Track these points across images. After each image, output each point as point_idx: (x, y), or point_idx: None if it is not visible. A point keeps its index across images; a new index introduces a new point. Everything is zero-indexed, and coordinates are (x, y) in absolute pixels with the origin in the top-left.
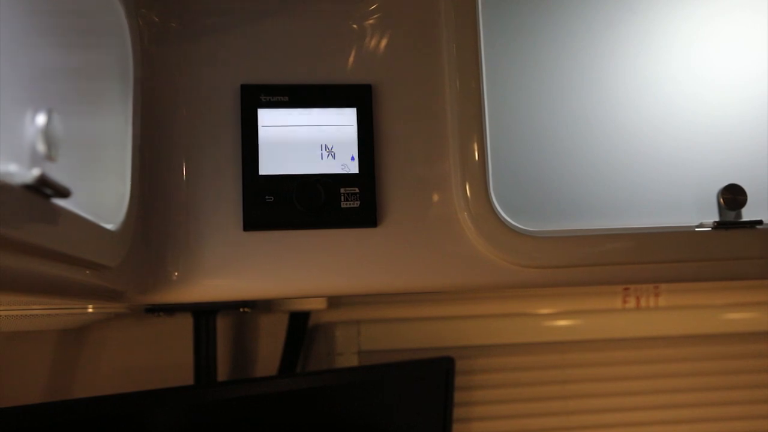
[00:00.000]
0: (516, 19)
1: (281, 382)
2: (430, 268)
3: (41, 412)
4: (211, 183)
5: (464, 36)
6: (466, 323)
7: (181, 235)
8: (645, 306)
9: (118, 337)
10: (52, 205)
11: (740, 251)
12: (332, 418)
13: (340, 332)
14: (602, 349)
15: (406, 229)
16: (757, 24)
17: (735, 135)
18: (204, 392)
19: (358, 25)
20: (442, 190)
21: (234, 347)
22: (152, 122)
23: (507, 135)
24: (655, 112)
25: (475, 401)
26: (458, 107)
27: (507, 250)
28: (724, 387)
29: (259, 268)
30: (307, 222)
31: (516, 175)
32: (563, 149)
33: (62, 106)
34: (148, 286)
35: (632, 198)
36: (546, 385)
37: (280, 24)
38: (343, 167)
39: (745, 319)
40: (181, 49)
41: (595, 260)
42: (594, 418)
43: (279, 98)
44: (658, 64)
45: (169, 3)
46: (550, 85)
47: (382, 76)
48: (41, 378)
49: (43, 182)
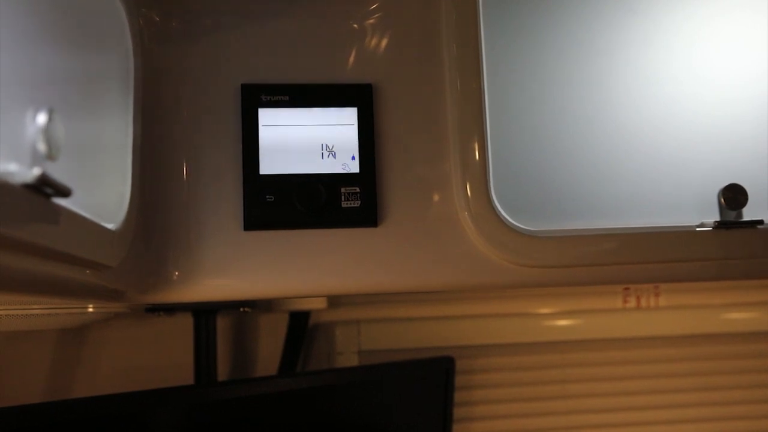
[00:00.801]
0: (516, 19)
1: (281, 382)
2: (431, 268)
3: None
4: (211, 182)
5: (465, 36)
6: (466, 323)
7: (181, 235)
8: (645, 306)
9: (118, 336)
10: (52, 205)
11: (741, 251)
12: (332, 418)
13: (340, 332)
14: (602, 349)
15: (407, 228)
16: (757, 24)
17: (735, 135)
18: (204, 392)
19: (359, 24)
20: (443, 189)
21: (234, 347)
22: (153, 121)
23: (508, 135)
24: (655, 112)
25: (475, 401)
26: (459, 107)
27: (507, 249)
28: (724, 387)
29: (259, 268)
30: (308, 222)
31: (516, 175)
32: (564, 149)
33: (63, 105)
34: (148, 286)
35: (632, 198)
36: (546, 384)
37: (281, 23)
38: (343, 167)
39: (745, 318)
40: (181, 48)
41: (596, 260)
42: (594, 418)
43: (280, 98)
44: (658, 64)
45: (170, 2)
46: (550, 84)
47: (383, 76)
48: (41, 378)
49: (43, 181)
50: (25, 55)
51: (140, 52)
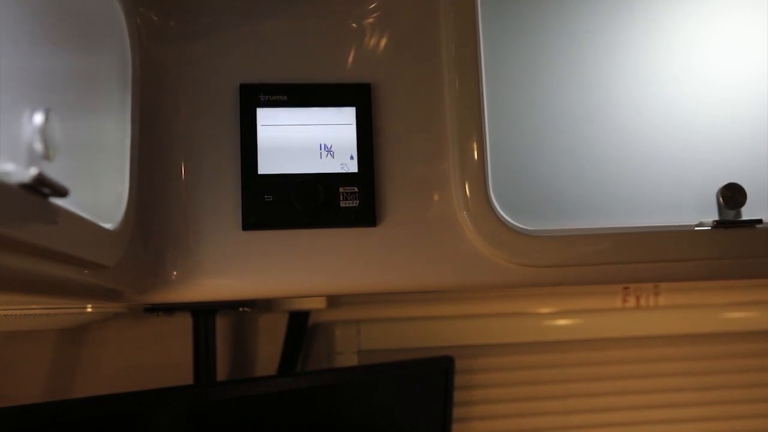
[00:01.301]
0: (515, 19)
1: (281, 382)
2: (430, 268)
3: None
4: (209, 182)
5: (464, 35)
6: (466, 323)
7: (180, 235)
8: (645, 305)
9: (117, 336)
10: (49, 205)
11: (740, 250)
12: (332, 418)
13: (340, 332)
14: (602, 349)
15: (406, 228)
16: (757, 24)
17: (735, 134)
18: (204, 392)
19: (358, 24)
20: (442, 189)
21: (233, 347)
22: (151, 121)
23: (506, 134)
24: (655, 112)
25: (475, 400)
26: (457, 106)
27: (507, 249)
28: (724, 386)
29: (258, 268)
30: (307, 221)
31: (515, 175)
32: (563, 149)
33: (60, 105)
34: (146, 286)
35: (632, 197)
36: (546, 384)
37: (280, 23)
38: (342, 166)
39: (745, 318)
40: (179, 48)
41: (595, 259)
42: (594, 418)
43: (278, 97)
44: (658, 64)
45: (168, 2)
46: (549, 84)
47: (382, 76)
48: (41, 378)
49: (40, 181)
50: (23, 56)
51: (138, 52)
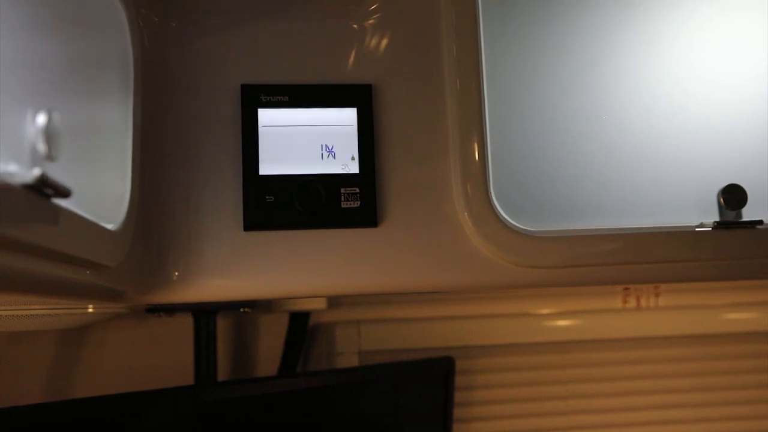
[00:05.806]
0: (516, 19)
1: (281, 382)
2: (431, 268)
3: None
4: (211, 183)
5: (464, 36)
6: (466, 323)
7: (181, 235)
8: (645, 306)
9: (118, 337)
10: (52, 205)
11: (740, 251)
12: (332, 418)
13: (340, 332)
14: (602, 349)
15: (407, 229)
16: (757, 24)
17: (735, 135)
18: (204, 392)
19: (359, 24)
20: (443, 190)
21: (234, 347)
22: (153, 122)
23: (507, 135)
24: (655, 112)
25: (476, 401)
26: (458, 107)
27: (507, 250)
28: (724, 387)
29: (259, 268)
30: (308, 222)
31: (516, 175)
32: (563, 149)
33: (63, 105)
34: (148, 286)
35: (632, 198)
36: (546, 385)
37: (281, 23)
38: (343, 167)
39: (745, 319)
40: (181, 49)
41: (595, 260)
42: (594, 418)
43: (279, 98)
44: (658, 64)
45: (169, 3)
46: (550, 84)
47: (383, 76)
48: (41, 378)
49: (43, 182)
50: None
51: (139, 52)
